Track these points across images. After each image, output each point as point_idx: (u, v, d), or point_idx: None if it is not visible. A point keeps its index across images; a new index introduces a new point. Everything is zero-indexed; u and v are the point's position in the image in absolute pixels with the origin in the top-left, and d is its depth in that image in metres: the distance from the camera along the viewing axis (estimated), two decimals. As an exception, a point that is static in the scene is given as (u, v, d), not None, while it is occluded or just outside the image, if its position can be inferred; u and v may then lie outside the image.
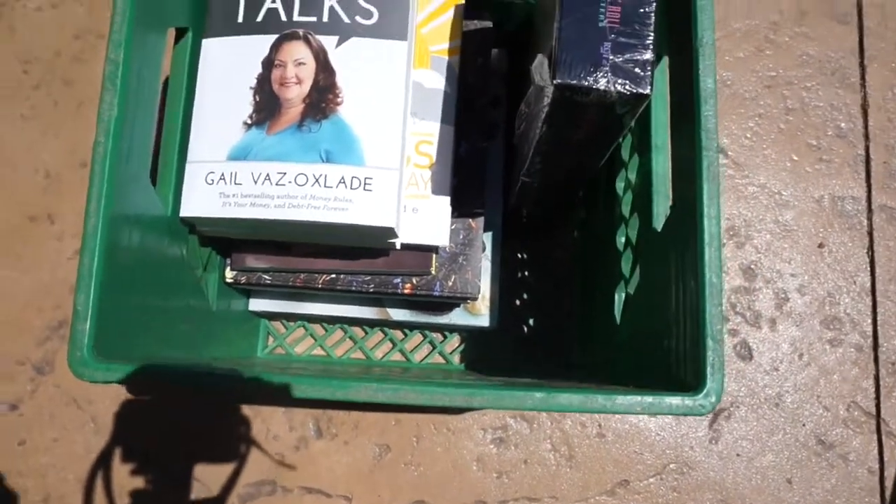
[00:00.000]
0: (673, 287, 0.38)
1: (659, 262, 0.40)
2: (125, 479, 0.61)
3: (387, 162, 0.42)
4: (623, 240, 0.49)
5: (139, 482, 0.61)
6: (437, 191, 0.48)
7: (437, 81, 0.49)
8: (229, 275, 0.51)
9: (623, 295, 0.49)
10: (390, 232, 0.42)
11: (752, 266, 0.64)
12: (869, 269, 0.63)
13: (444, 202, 0.48)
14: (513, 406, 0.32)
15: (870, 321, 0.62)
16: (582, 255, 0.62)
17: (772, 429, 0.61)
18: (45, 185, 0.68)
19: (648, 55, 0.33)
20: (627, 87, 0.33)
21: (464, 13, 0.51)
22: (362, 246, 0.48)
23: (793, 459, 0.60)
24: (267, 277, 0.51)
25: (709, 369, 0.32)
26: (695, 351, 0.33)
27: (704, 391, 0.32)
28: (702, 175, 0.34)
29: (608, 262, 0.52)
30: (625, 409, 0.32)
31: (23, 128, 0.70)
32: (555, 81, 0.33)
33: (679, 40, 0.38)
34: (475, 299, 0.52)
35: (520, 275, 0.63)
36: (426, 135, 0.48)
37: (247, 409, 0.62)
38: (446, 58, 0.50)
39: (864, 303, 0.63)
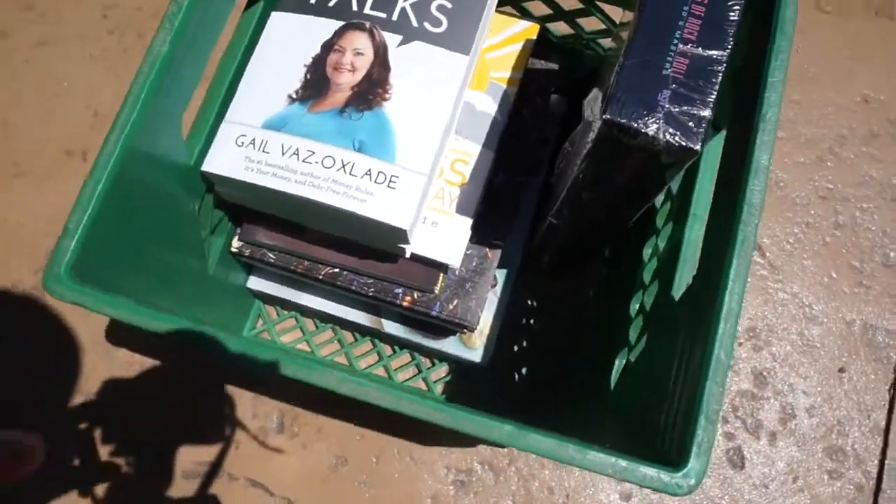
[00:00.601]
0: (676, 360, 0.35)
1: (668, 332, 0.38)
2: (82, 424, 0.59)
3: (418, 165, 0.41)
4: (637, 306, 0.47)
5: (91, 432, 0.59)
6: (461, 210, 0.46)
7: (489, 106, 0.49)
8: (236, 244, 0.50)
9: (623, 362, 0.46)
10: (403, 235, 0.41)
11: (765, 373, 0.61)
12: (887, 407, 0.60)
13: (466, 223, 0.46)
14: (476, 433, 0.29)
15: (876, 462, 0.58)
16: (592, 316, 0.60)
17: (748, 549, 0.56)
18: (92, 124, 0.69)
19: (706, 113, 0.32)
20: (677, 138, 0.31)
21: (533, 50, 0.51)
22: (372, 246, 0.47)
23: (764, 587, 0.56)
24: (271, 256, 0.50)
25: (695, 448, 0.30)
26: (684, 426, 0.31)
27: (685, 470, 0.29)
28: (735, 248, 0.32)
29: (616, 326, 0.50)
30: (595, 467, 0.29)
31: (89, 67, 0.71)
32: (604, 116, 0.32)
33: (742, 112, 0.37)
34: (472, 329, 0.50)
35: (524, 321, 0.61)
36: (464, 154, 0.47)
37: (216, 387, 0.60)
38: (504, 86, 0.50)
39: (875, 441, 0.59)
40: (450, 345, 0.55)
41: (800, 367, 0.61)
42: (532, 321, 0.61)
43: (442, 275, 0.48)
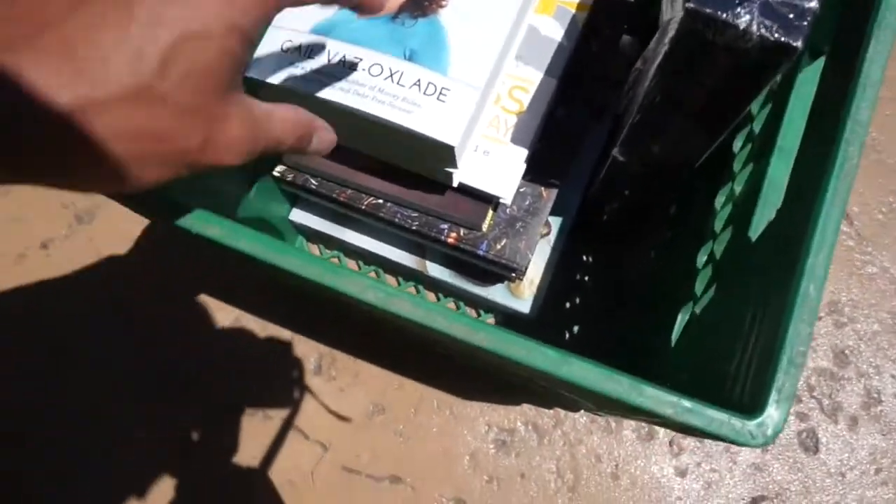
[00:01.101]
0: (752, 306, 0.31)
1: (743, 276, 0.33)
2: (117, 353, 0.59)
3: (471, 78, 0.38)
4: (705, 258, 0.42)
5: (125, 363, 0.59)
6: (516, 140, 0.43)
7: (555, 31, 0.45)
8: (278, 168, 0.48)
9: (687, 317, 0.42)
10: (450, 155, 0.37)
11: (848, 352, 0.55)
12: None
13: (520, 154, 0.43)
14: (518, 357, 0.26)
15: (974, 458, 0.52)
16: (652, 277, 0.55)
17: (816, 540, 0.51)
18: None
19: (812, 4, 0.27)
20: (775, 31, 0.26)
21: (607, -24, 0.46)
22: (418, 171, 0.43)
23: (830, 584, 0.50)
24: (313, 182, 0.47)
25: (774, 393, 0.25)
26: (762, 369, 0.26)
27: (761, 417, 0.25)
28: (834, 169, 0.27)
29: (679, 281, 0.45)
30: (651, 405, 0.25)
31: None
32: (686, 5, 0.27)
33: (848, 33, 0.32)
34: (521, 274, 0.46)
35: (578, 276, 0.57)
36: (524, 80, 0.43)
37: (254, 322, 0.59)
38: (573, 11, 0.45)
39: (973, 436, 0.52)
40: (497, 293, 0.51)
41: (889, 348, 0.55)
42: (587, 278, 0.57)
43: (491, 211, 0.45)
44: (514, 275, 0.47)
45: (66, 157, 0.17)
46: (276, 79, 0.39)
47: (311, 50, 0.39)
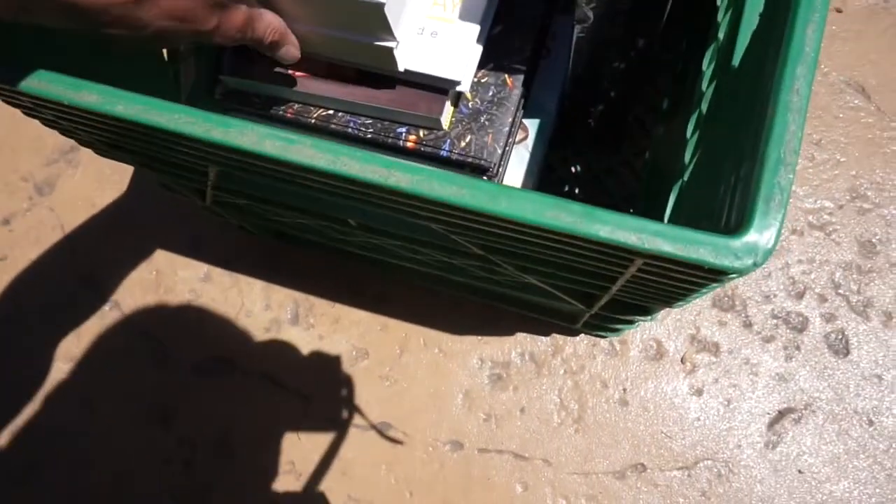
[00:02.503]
0: (739, 137, 0.26)
1: (728, 105, 0.28)
2: (87, 319, 0.55)
3: (398, -66, 0.33)
4: (692, 126, 0.37)
5: (97, 327, 0.55)
6: (465, 16, 0.38)
7: None
8: (219, 91, 0.44)
9: (677, 191, 0.37)
10: (381, 17, 0.33)
11: (875, 241, 0.49)
12: None
13: (472, 32, 0.38)
14: (445, 196, 0.21)
15: None
16: (649, 174, 0.50)
17: (856, 450, 0.45)
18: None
19: None
20: None
21: None
22: (360, 62, 0.39)
23: (879, 497, 0.44)
24: (257, 100, 0.43)
25: (760, 204, 0.20)
26: (748, 180, 0.21)
27: (747, 233, 0.20)
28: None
29: (671, 166, 0.40)
30: (609, 234, 0.20)
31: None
32: None
33: None
34: (493, 174, 0.42)
35: (567, 188, 0.52)
36: (471, -49, 0.39)
37: (225, 276, 0.55)
38: None
39: None
40: (473, 208, 0.46)
41: (922, 232, 0.48)
42: (577, 190, 0.52)
43: (451, 106, 0.40)
44: (485, 177, 0.42)
45: (124, 21, 0.22)
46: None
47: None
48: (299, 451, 0.50)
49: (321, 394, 0.52)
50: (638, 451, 0.47)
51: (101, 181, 0.59)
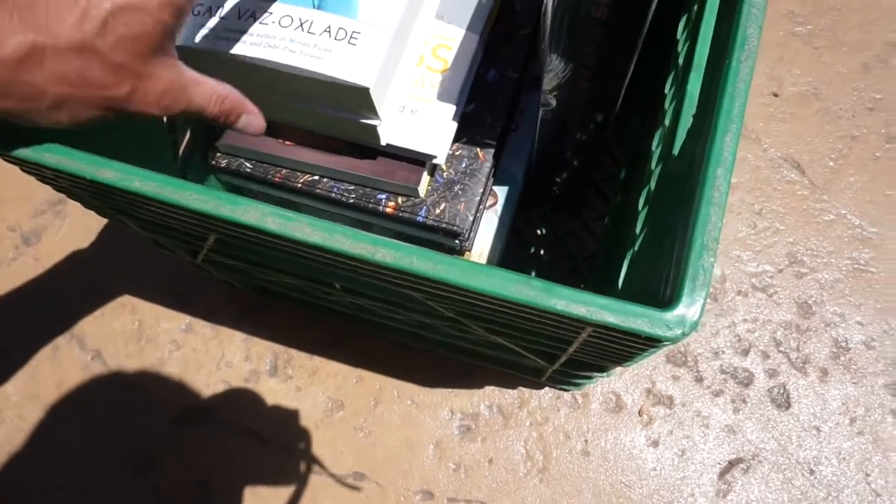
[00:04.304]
0: (675, 216, 0.30)
1: (668, 192, 0.32)
2: (68, 368, 0.57)
3: (381, 20, 0.37)
4: (643, 200, 0.41)
5: (78, 377, 0.56)
6: (443, 97, 0.42)
7: (474, -9, 0.45)
8: (212, 155, 0.47)
9: (629, 259, 0.41)
10: (366, 98, 0.37)
11: (811, 303, 0.53)
12: (960, 336, 0.51)
13: (448, 112, 0.42)
14: (423, 271, 0.25)
15: (951, 398, 0.50)
16: (607, 240, 0.54)
17: (799, 498, 0.49)
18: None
19: None
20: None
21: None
22: (344, 135, 0.43)
23: (819, 543, 0.48)
24: (248, 166, 0.47)
25: (688, 283, 0.24)
26: (678, 263, 0.25)
27: (676, 307, 0.24)
28: (735, 48, 0.26)
29: (627, 235, 0.44)
30: (563, 308, 0.24)
31: None
32: None
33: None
34: (464, 239, 0.45)
35: (532, 250, 0.56)
36: (447, 38, 0.43)
37: (206, 327, 0.57)
38: (492, -28, 0.45)
39: (948, 376, 0.51)
40: (446, 268, 0.50)
41: (852, 294, 0.53)
42: (542, 252, 0.56)
43: (427, 176, 0.44)
44: (458, 242, 0.46)
45: (11, 89, 0.21)
46: (188, 42, 0.39)
47: (222, 9, 0.39)
48: (276, 500, 0.52)
49: (297, 444, 0.53)
50: (599, 499, 0.50)
51: (87, 233, 0.61)
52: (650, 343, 0.24)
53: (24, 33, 0.20)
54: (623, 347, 0.27)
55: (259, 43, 0.36)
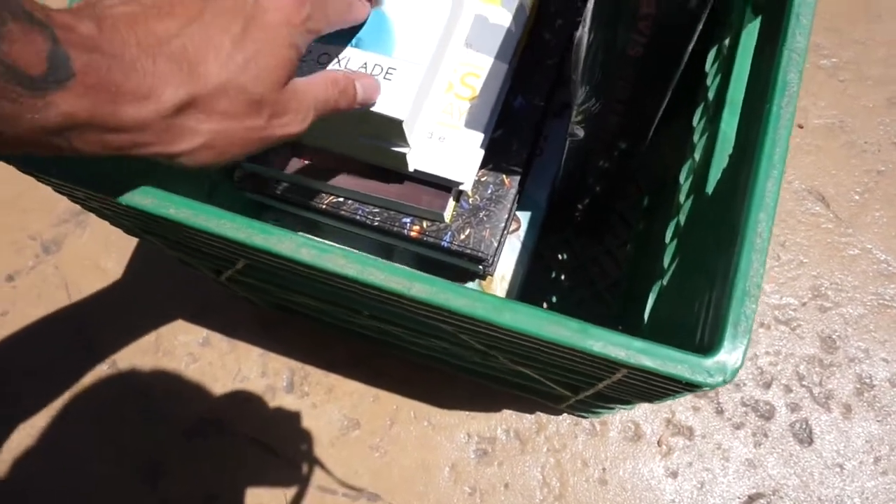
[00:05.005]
0: (711, 258, 0.30)
1: (701, 231, 0.32)
2: (83, 376, 0.57)
3: (415, 57, 0.37)
4: (671, 232, 0.41)
5: (92, 386, 0.56)
6: (470, 124, 0.42)
7: (503, 18, 0.45)
8: (237, 174, 0.47)
9: (657, 292, 0.40)
10: (399, 129, 0.37)
11: (835, 337, 0.53)
12: None
13: (476, 139, 0.42)
14: (457, 307, 0.24)
15: (977, 440, 0.49)
16: (630, 268, 0.54)
17: (819, 537, 0.48)
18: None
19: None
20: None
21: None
22: (374, 160, 0.43)
23: (840, 584, 0.47)
24: (277, 189, 0.47)
25: (729, 328, 0.24)
26: (718, 308, 0.25)
27: (717, 354, 0.23)
28: (775, 94, 0.26)
29: (652, 265, 0.44)
30: (601, 349, 0.24)
31: None
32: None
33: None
34: (488, 264, 0.45)
35: (553, 275, 0.55)
36: (476, 66, 0.43)
37: (224, 341, 0.57)
38: None
39: (974, 417, 0.50)
40: (467, 291, 0.50)
41: (877, 330, 0.53)
42: (563, 277, 0.56)
43: (453, 201, 0.44)
44: (481, 267, 0.46)
45: (165, 136, 0.22)
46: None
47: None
48: (287, 520, 0.51)
49: (311, 462, 0.53)
50: (615, 530, 0.49)
51: (107, 244, 0.62)
52: (688, 388, 0.24)
53: (176, 84, 0.22)
54: (656, 388, 0.27)
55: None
